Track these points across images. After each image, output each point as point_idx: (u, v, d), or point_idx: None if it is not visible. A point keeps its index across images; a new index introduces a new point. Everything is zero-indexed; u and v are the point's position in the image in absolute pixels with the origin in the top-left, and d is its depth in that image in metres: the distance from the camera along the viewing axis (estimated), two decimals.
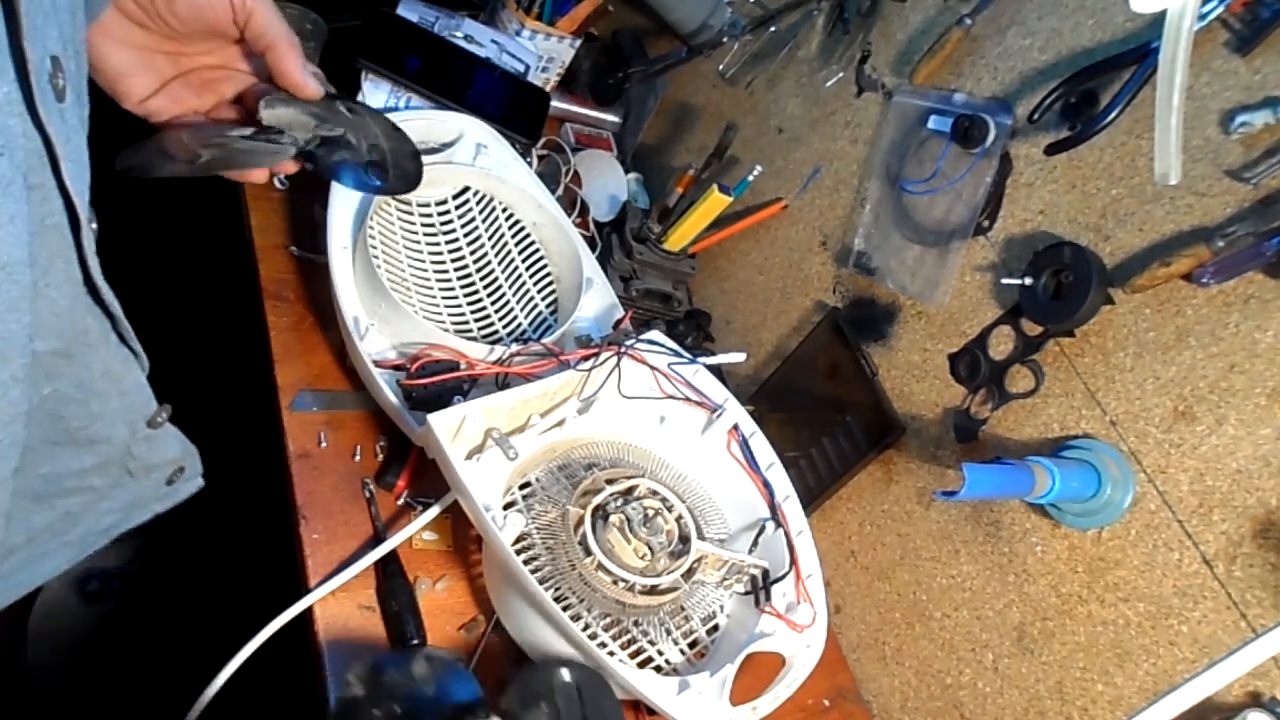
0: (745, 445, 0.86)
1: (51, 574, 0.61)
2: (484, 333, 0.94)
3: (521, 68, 1.14)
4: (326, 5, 1.02)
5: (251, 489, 0.99)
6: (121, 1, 0.52)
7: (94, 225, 0.45)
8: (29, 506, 0.51)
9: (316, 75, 0.61)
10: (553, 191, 1.02)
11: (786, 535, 0.80)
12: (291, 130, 0.61)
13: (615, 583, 0.71)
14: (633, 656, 0.75)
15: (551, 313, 0.96)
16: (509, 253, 0.98)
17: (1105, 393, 0.76)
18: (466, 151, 0.97)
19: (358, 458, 0.82)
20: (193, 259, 1.47)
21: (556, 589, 0.71)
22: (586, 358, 0.81)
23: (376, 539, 0.76)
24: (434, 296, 0.94)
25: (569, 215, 1.00)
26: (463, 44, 1.08)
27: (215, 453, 0.69)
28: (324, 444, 0.81)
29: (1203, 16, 0.65)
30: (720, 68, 1.18)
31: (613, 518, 0.73)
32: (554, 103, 1.24)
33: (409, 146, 0.70)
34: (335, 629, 0.71)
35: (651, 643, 0.76)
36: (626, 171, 1.25)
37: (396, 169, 0.69)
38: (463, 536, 0.82)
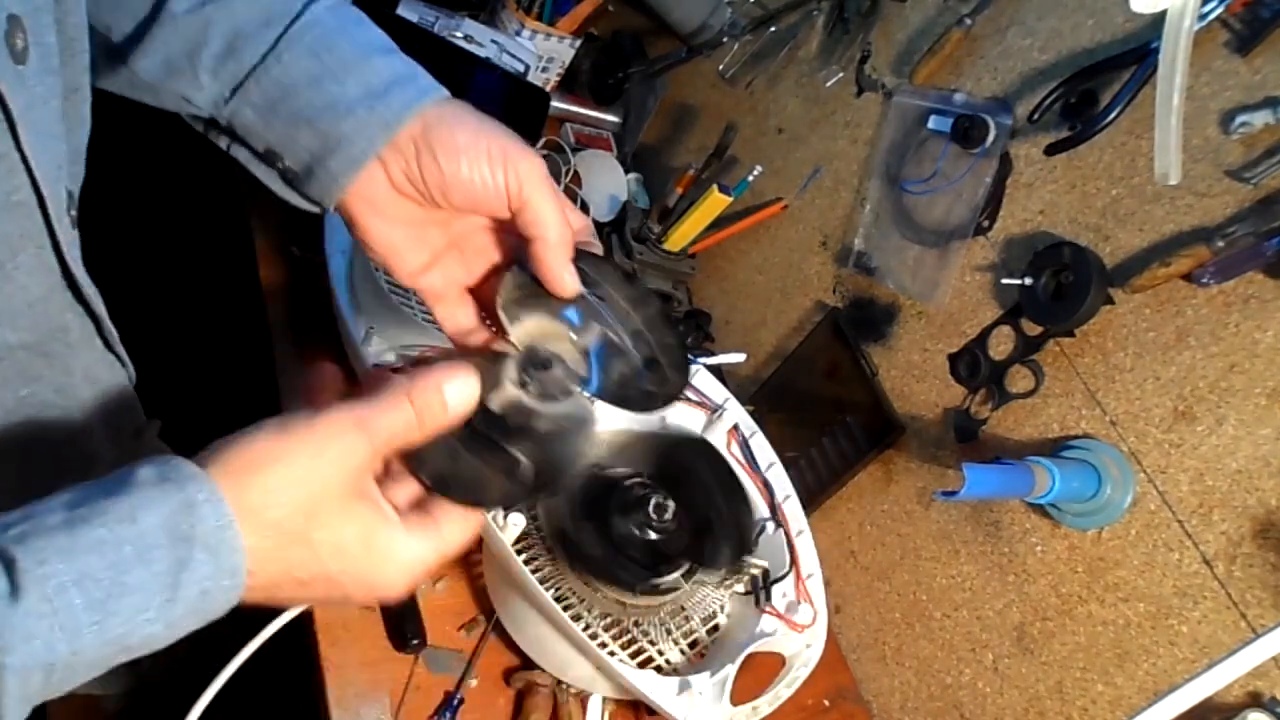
0: (745, 445, 0.86)
1: None
2: None
3: (521, 68, 1.14)
4: None
5: None
6: (396, 180, 0.48)
7: (73, 213, 0.42)
8: None
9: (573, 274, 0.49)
10: None
11: (786, 535, 0.80)
12: (547, 344, 0.47)
13: None
14: (633, 656, 0.75)
15: None
16: None
17: (1105, 393, 0.76)
18: None
19: None
20: (193, 259, 1.47)
21: (557, 589, 0.71)
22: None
23: None
24: None
25: None
26: (463, 44, 1.08)
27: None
28: None
29: (1203, 16, 0.65)
30: (720, 68, 1.18)
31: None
32: (554, 103, 1.24)
33: (662, 314, 0.52)
34: (334, 630, 0.71)
35: (652, 643, 0.76)
36: (626, 171, 1.25)
37: (667, 357, 0.50)
38: None
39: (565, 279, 0.48)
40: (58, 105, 0.40)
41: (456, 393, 0.41)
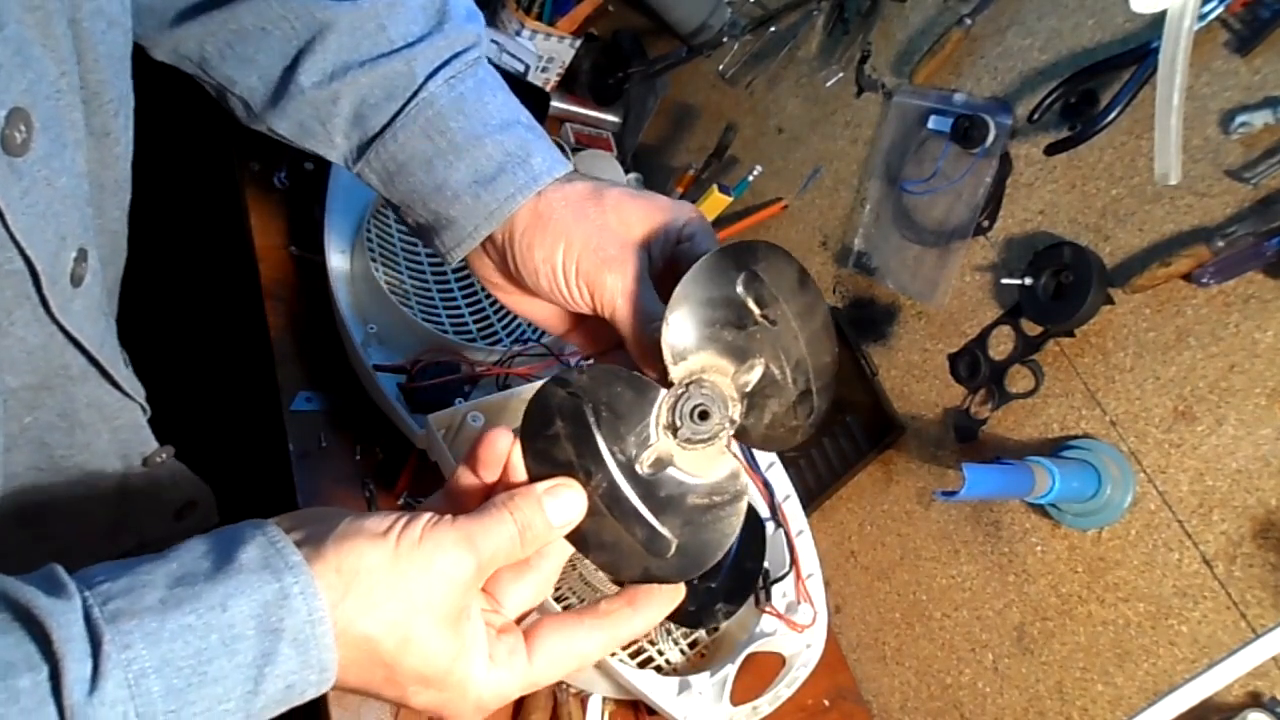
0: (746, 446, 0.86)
1: None
2: (484, 334, 0.94)
3: (521, 68, 1.14)
4: None
5: (252, 489, 0.99)
6: (500, 260, 0.49)
7: (82, 268, 0.42)
8: (28, 542, 0.49)
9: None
10: None
11: (786, 535, 0.80)
12: (708, 378, 0.41)
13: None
14: (633, 656, 0.75)
15: None
16: None
17: (1105, 393, 0.76)
18: None
19: (358, 458, 0.82)
20: (193, 259, 1.47)
21: (556, 588, 0.71)
22: (586, 358, 0.81)
23: None
24: (433, 300, 0.94)
25: None
26: None
27: (215, 454, 0.69)
28: (324, 444, 0.81)
29: (1203, 16, 0.65)
30: (720, 68, 1.18)
31: None
32: (554, 103, 1.24)
33: (826, 326, 0.45)
34: None
35: (652, 642, 0.76)
36: (626, 171, 1.24)
37: (820, 381, 0.45)
38: None
39: (647, 360, 0.44)
40: (67, 181, 0.41)
41: (560, 511, 0.39)
